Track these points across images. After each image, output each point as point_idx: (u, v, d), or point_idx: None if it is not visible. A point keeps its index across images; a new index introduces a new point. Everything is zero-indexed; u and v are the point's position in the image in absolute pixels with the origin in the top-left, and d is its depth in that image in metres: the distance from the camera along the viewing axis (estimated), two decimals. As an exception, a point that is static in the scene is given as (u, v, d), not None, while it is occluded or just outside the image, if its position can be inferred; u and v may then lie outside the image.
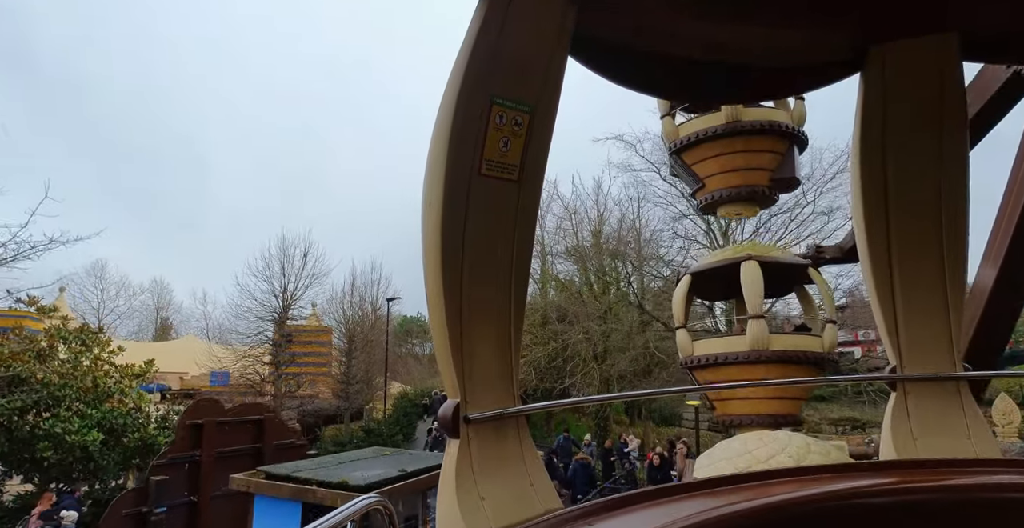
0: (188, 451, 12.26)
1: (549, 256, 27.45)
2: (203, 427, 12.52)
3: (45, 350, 15.72)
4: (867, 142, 2.69)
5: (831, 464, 2.42)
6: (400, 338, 59.00)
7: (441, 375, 2.08)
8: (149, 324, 54.37)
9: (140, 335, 52.07)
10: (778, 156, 11.15)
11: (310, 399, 31.83)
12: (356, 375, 27.53)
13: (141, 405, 17.10)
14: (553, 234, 28.60)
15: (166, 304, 55.06)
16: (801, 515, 1.94)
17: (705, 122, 11.10)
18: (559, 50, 2.06)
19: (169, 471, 11.68)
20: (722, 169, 11.07)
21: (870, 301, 2.89)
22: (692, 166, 11.51)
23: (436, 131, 1.97)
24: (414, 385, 46.77)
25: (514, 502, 2.04)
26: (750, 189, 10.97)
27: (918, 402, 2.76)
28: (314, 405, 28.82)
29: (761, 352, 10.00)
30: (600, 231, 26.63)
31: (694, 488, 2.14)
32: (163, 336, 52.23)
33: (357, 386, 27.62)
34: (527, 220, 2.17)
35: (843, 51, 2.62)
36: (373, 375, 29.91)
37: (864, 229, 2.76)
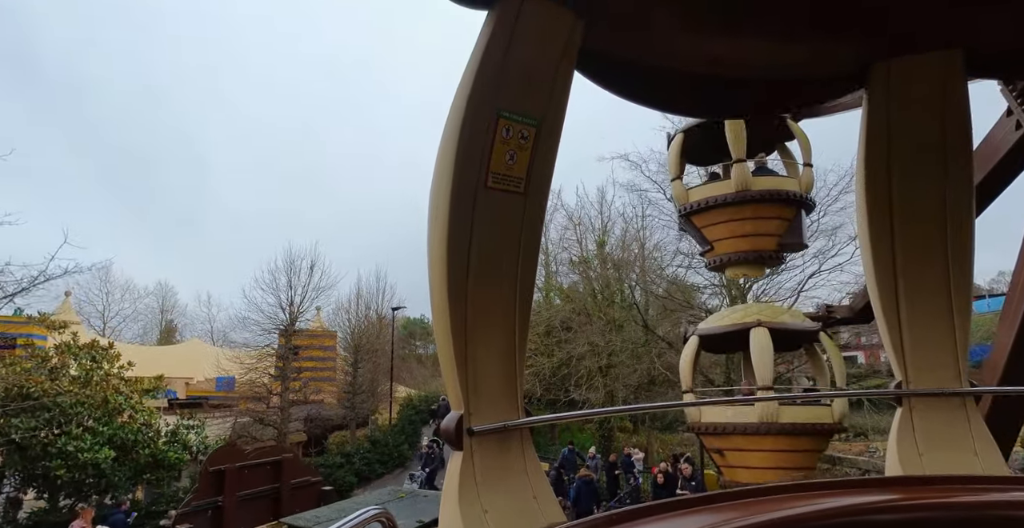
0: (211, 498, 12.63)
1: (553, 264, 27.52)
2: (225, 473, 12.88)
3: (57, 367, 15.87)
4: (872, 157, 2.68)
5: (838, 480, 2.47)
6: (404, 341, 59.12)
7: (445, 386, 2.10)
8: (154, 327, 54.62)
9: (145, 337, 52.35)
10: (786, 222, 11.33)
11: (315, 405, 32.07)
12: (362, 385, 27.67)
13: (151, 421, 17.24)
14: (557, 244, 28.67)
15: (171, 307, 55.34)
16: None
17: (715, 189, 11.34)
18: (565, 65, 2.08)
19: (193, 519, 12.03)
20: (731, 234, 11.33)
21: (875, 316, 2.88)
22: (701, 229, 11.75)
23: (443, 144, 1.97)
24: (418, 388, 47.01)
25: (517, 515, 2.04)
26: (757, 254, 11.23)
27: (924, 417, 2.73)
28: (319, 412, 28.98)
29: (771, 425, 9.92)
30: (604, 241, 26.71)
31: (699, 503, 2.12)
32: (168, 339, 52.49)
33: (362, 396, 27.77)
34: (532, 232, 2.19)
35: (847, 66, 2.62)
36: (378, 384, 30.05)
37: (869, 244, 2.74)
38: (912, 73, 2.57)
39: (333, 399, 31.71)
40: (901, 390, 2.80)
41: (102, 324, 49.48)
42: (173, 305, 55.44)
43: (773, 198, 10.94)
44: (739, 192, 10.92)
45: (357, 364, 27.60)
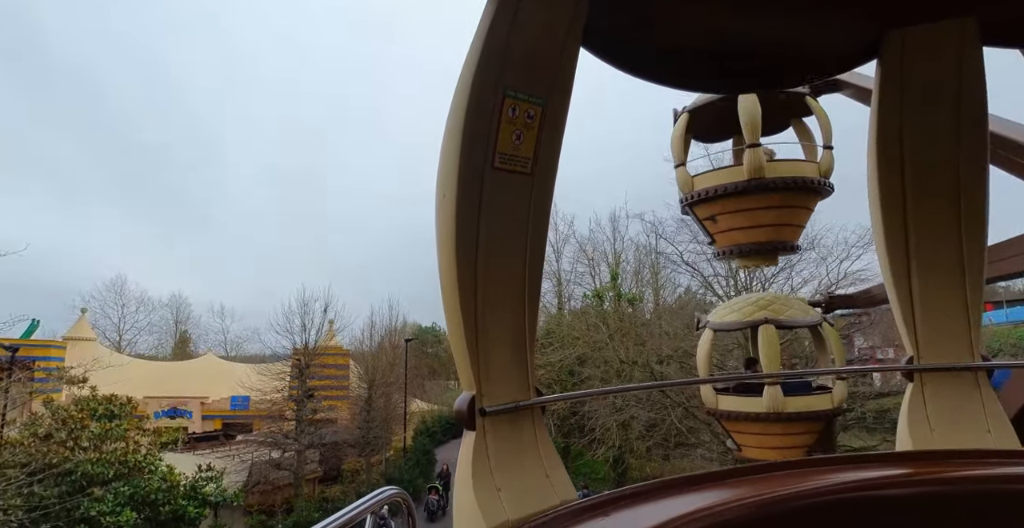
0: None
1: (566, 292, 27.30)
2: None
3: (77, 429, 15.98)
4: (884, 129, 2.63)
5: (849, 455, 2.42)
6: (415, 348, 59.43)
7: (456, 368, 2.09)
8: (169, 338, 55.16)
9: (160, 348, 52.97)
10: (807, 211, 11.02)
11: (329, 425, 32.30)
12: (375, 419, 27.79)
13: (170, 478, 17.37)
14: (569, 272, 28.50)
15: (185, 318, 55.83)
16: (818, 505, 1.94)
17: (725, 176, 10.73)
18: (571, 42, 2.04)
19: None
20: (744, 224, 10.89)
21: (886, 290, 2.84)
22: (706, 220, 11.32)
23: (449, 124, 1.95)
24: (432, 401, 47.33)
25: (530, 493, 2.05)
26: (773, 244, 10.94)
27: (935, 393, 2.71)
28: (334, 436, 29.10)
29: (780, 414, 10.67)
30: (617, 273, 26.49)
31: (710, 479, 2.13)
32: (182, 349, 53.01)
33: (376, 431, 27.92)
34: (540, 212, 2.15)
35: (860, 36, 2.56)
36: (392, 415, 30.19)
37: (880, 216, 2.71)
38: (926, 42, 2.50)
39: (347, 416, 31.98)
40: (912, 365, 2.76)
41: (118, 337, 50.08)
42: (187, 317, 56.01)
43: (789, 187, 10.33)
44: (752, 179, 10.21)
45: (371, 401, 27.60)
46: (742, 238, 10.95)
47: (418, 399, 45.11)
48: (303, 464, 23.58)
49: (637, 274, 27.46)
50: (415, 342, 61.50)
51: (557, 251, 29.78)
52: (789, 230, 11.00)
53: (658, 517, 1.79)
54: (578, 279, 27.65)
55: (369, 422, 26.83)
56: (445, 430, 36.32)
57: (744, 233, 10.89)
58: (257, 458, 24.67)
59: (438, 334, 60.95)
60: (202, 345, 52.97)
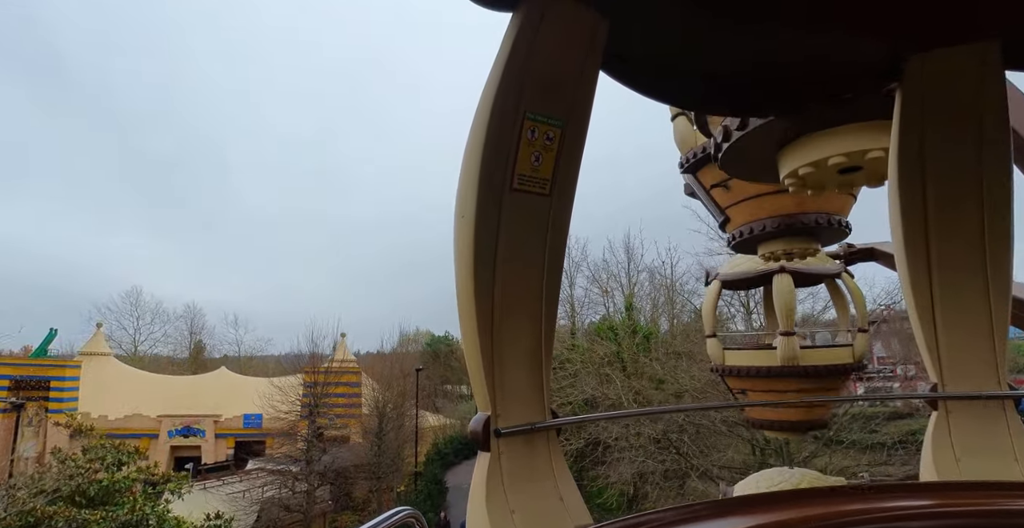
0: None
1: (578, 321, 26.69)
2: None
3: (85, 484, 15.82)
4: (905, 155, 2.60)
5: (874, 484, 2.35)
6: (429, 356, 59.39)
7: (472, 388, 2.07)
8: (184, 349, 55.62)
9: (175, 357, 53.35)
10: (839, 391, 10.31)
11: (343, 443, 32.23)
12: (386, 451, 27.55)
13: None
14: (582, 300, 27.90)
15: (199, 329, 56.24)
16: None
17: (757, 358, 9.96)
18: (590, 65, 2.04)
19: None
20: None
21: (909, 316, 2.79)
22: (737, 393, 10.42)
23: (469, 146, 1.95)
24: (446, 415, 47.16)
25: (544, 516, 2.03)
26: (803, 424, 9.94)
27: (961, 422, 2.66)
28: (345, 460, 28.93)
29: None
30: (632, 303, 25.84)
31: (728, 506, 2.11)
32: (197, 358, 53.36)
33: (388, 459, 27.70)
34: (558, 233, 2.14)
35: (880, 61, 2.53)
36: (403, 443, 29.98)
37: (903, 243, 2.65)
38: (947, 67, 2.49)
39: (359, 431, 31.86)
40: (937, 393, 2.71)
41: (133, 348, 50.52)
42: (201, 327, 56.42)
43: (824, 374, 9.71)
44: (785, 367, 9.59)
45: (382, 435, 27.35)
46: (772, 415, 10.29)
47: (430, 413, 44.94)
48: (313, 503, 23.41)
49: (654, 302, 26.75)
50: (428, 350, 61.65)
51: (570, 276, 29.25)
52: (820, 410, 10.22)
53: None
54: (592, 306, 27.03)
55: (379, 455, 26.55)
56: (457, 451, 36.02)
57: (775, 411, 10.24)
58: (267, 492, 24.50)
59: (451, 344, 60.78)
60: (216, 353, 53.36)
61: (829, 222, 8.35)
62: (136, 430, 34.92)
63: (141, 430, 35.00)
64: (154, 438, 35.06)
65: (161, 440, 35.08)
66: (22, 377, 33.67)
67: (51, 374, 34.06)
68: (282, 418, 30.68)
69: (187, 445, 35.71)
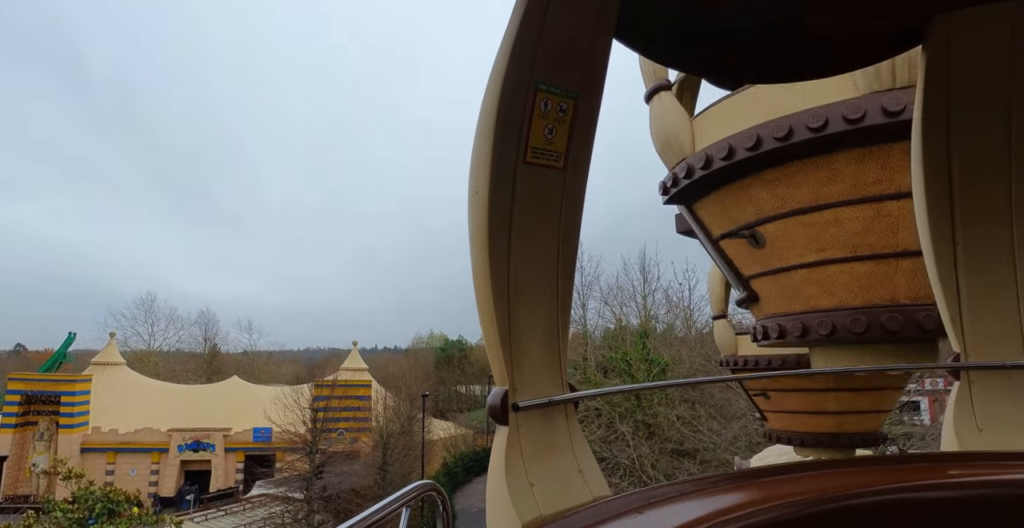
0: None
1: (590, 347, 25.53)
2: None
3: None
4: (929, 119, 2.59)
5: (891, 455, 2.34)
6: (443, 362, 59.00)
7: (489, 362, 2.10)
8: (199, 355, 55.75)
9: (190, 362, 53.52)
10: None
11: (350, 457, 31.79)
12: (392, 473, 26.87)
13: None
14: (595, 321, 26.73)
15: (213, 334, 56.36)
16: (860, 507, 1.87)
17: None
18: (603, 34, 2.01)
19: None
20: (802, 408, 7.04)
21: (932, 284, 2.76)
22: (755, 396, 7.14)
23: (481, 119, 1.95)
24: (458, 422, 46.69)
25: (563, 489, 2.06)
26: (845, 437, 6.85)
27: (983, 392, 2.67)
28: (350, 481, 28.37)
29: None
30: (647, 329, 24.58)
31: (746, 477, 2.12)
32: (211, 363, 53.45)
33: (395, 484, 27.02)
34: (573, 206, 2.14)
35: (904, 21, 2.47)
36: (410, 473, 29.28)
37: (925, 210, 2.64)
38: (975, 27, 2.40)
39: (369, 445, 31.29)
40: (958, 363, 2.72)
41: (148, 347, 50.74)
42: (215, 333, 56.51)
43: None
44: None
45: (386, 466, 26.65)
46: (804, 424, 7.45)
47: (438, 419, 44.30)
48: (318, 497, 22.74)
49: (670, 327, 25.50)
50: (442, 355, 61.20)
51: (582, 297, 28.09)
52: (873, 419, 7.29)
53: (693, 514, 1.76)
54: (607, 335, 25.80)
55: (384, 479, 25.90)
56: (467, 468, 35.36)
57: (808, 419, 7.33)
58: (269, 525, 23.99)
59: (465, 348, 60.20)
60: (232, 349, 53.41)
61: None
62: (146, 444, 34.88)
63: (151, 444, 34.94)
64: (164, 452, 34.97)
65: (171, 454, 34.98)
66: (33, 392, 33.72)
67: (62, 389, 34.06)
68: (290, 432, 30.42)
69: (197, 459, 35.57)
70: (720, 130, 4.85)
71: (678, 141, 5.30)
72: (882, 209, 4.33)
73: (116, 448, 34.72)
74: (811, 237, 4.66)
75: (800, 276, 4.89)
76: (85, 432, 34.53)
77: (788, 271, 4.97)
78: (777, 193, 4.65)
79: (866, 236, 4.43)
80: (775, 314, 5.31)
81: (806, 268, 4.81)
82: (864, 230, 4.43)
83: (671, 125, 5.39)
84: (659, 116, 5.54)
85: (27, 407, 33.73)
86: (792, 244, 4.81)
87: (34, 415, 34.09)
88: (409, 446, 29.74)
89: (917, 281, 4.40)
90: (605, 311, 26.11)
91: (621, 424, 21.09)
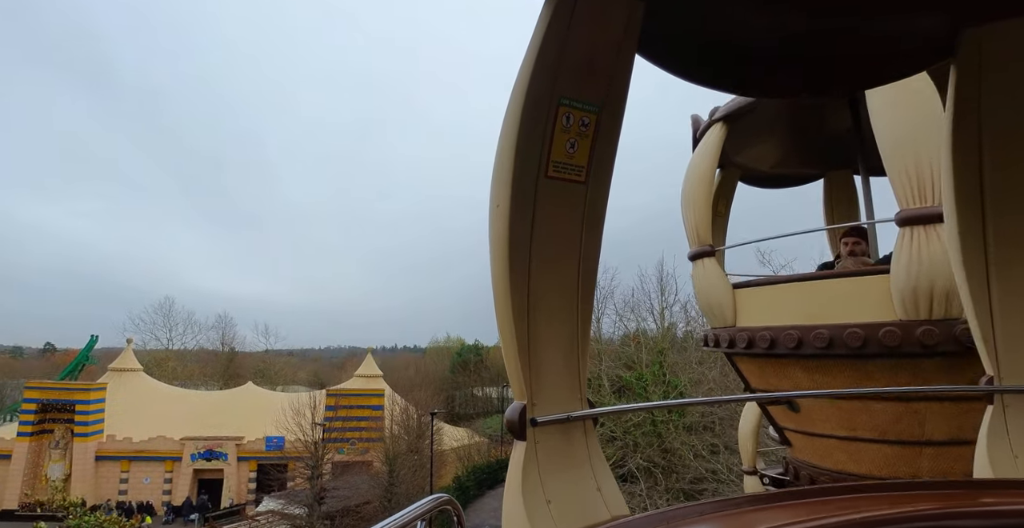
0: None
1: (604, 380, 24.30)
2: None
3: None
4: (960, 139, 2.51)
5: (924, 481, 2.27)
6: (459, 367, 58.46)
7: (508, 377, 2.06)
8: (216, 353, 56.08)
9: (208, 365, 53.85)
10: None
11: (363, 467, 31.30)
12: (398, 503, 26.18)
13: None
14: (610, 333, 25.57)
15: (230, 339, 56.65)
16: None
17: None
18: (626, 48, 2.01)
19: None
20: None
21: (964, 306, 2.69)
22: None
23: (503, 133, 1.96)
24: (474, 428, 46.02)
25: (581, 506, 2.03)
26: None
27: (1019, 416, 2.58)
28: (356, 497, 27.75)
29: None
30: (665, 348, 23.35)
31: (770, 499, 2.02)
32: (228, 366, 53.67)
33: (404, 501, 26.37)
34: (594, 219, 2.12)
35: (933, 35, 2.39)
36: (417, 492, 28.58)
37: (956, 222, 2.56)
38: (1008, 40, 2.32)
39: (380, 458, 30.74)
40: (992, 386, 2.60)
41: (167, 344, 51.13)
42: (232, 337, 56.80)
43: None
44: None
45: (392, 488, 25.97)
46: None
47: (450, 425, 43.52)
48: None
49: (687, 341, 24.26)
50: (458, 360, 60.65)
51: (597, 311, 26.95)
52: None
53: None
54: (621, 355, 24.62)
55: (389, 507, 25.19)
56: (480, 482, 34.50)
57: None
58: None
59: (482, 353, 59.51)
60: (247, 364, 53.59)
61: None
62: (160, 453, 34.89)
63: (165, 453, 34.93)
64: (177, 461, 34.92)
65: (184, 463, 34.91)
66: (49, 401, 33.89)
67: (77, 398, 34.18)
68: (302, 441, 30.13)
69: (210, 469, 35.45)
70: (763, 313, 5.04)
71: (720, 308, 5.47)
72: (910, 407, 4.43)
73: (130, 457, 34.78)
74: (843, 418, 4.79)
75: (831, 443, 5.05)
76: (100, 440, 34.62)
77: (820, 436, 5.16)
78: (814, 378, 4.75)
79: (894, 425, 4.52)
80: (807, 462, 5.47)
81: (836, 439, 4.99)
82: (892, 421, 4.51)
83: (714, 292, 5.49)
84: (703, 281, 5.63)
85: (43, 415, 33.92)
86: (825, 418, 4.97)
87: (50, 423, 34.28)
88: (419, 463, 28.99)
89: (939, 464, 4.50)
90: (620, 326, 24.87)
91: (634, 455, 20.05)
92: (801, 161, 7.16)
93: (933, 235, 3.85)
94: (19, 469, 32.40)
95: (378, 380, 43.38)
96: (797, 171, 7.34)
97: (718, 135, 5.61)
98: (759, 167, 6.99)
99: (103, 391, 35.71)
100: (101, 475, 34.34)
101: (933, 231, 3.86)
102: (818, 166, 7.32)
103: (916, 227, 3.90)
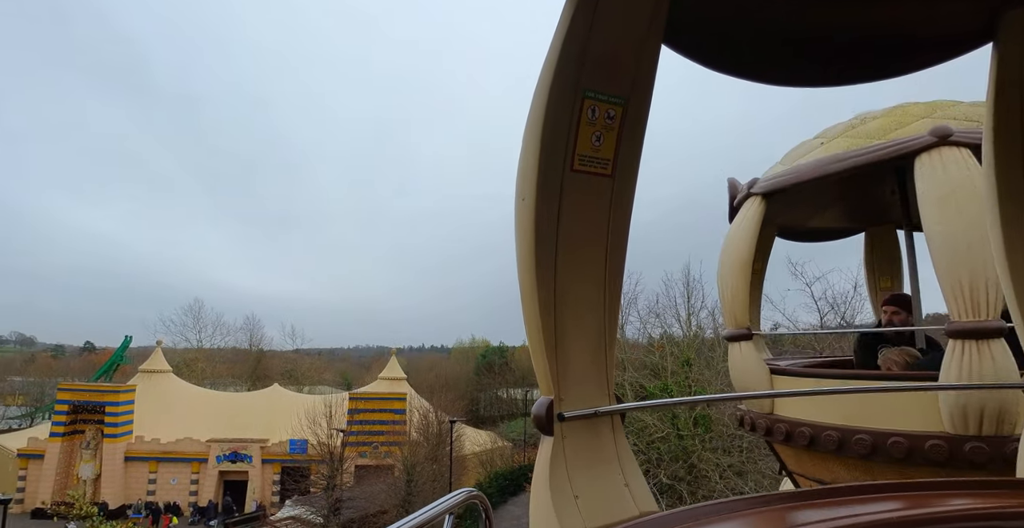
0: None
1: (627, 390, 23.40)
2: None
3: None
4: (1002, 125, 2.44)
5: (962, 480, 2.20)
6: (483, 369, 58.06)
7: (535, 372, 2.05)
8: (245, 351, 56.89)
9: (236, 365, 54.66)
10: None
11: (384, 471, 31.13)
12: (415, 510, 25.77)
13: None
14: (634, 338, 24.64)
15: (259, 340, 57.39)
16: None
17: None
18: (652, 38, 1.97)
19: None
20: None
21: (1004, 293, 2.63)
22: None
23: (528, 127, 1.95)
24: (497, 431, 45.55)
25: (609, 502, 2.02)
26: None
27: None
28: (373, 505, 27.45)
29: None
30: (691, 358, 22.33)
31: (802, 498, 1.97)
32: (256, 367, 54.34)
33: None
34: (621, 212, 2.10)
35: (973, 18, 2.31)
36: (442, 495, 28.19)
37: (1001, 233, 2.50)
38: None
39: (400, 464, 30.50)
40: None
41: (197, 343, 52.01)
42: (260, 339, 57.53)
43: None
44: None
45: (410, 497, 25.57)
46: None
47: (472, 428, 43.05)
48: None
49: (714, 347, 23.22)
50: (480, 362, 60.30)
51: (621, 318, 26.02)
52: None
53: None
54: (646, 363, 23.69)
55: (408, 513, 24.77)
56: (502, 489, 33.92)
57: None
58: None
59: (507, 355, 58.98)
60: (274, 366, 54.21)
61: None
62: (186, 454, 35.34)
63: (191, 454, 35.37)
64: (204, 462, 35.32)
65: (210, 465, 35.29)
66: (80, 402, 34.60)
67: (107, 399, 34.79)
68: (324, 444, 30.17)
69: (235, 470, 35.77)
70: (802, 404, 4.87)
71: None
72: None
73: (158, 458, 35.31)
74: None
75: None
76: (129, 441, 35.20)
77: None
78: (854, 475, 4.61)
79: None
80: None
81: None
82: None
83: (751, 378, 5.32)
84: (739, 364, 5.45)
85: (75, 416, 34.66)
86: None
87: (81, 424, 35.01)
88: (439, 472, 28.54)
89: None
90: (644, 333, 23.95)
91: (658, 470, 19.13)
92: (842, 219, 6.96)
93: (986, 351, 3.63)
94: (51, 469, 33.16)
95: (402, 383, 43.20)
96: (838, 226, 7.13)
97: (757, 210, 5.31)
98: (798, 226, 6.81)
99: (132, 393, 36.32)
100: (130, 475, 34.94)
101: (986, 347, 3.64)
102: (860, 222, 7.07)
103: (968, 341, 3.67)
